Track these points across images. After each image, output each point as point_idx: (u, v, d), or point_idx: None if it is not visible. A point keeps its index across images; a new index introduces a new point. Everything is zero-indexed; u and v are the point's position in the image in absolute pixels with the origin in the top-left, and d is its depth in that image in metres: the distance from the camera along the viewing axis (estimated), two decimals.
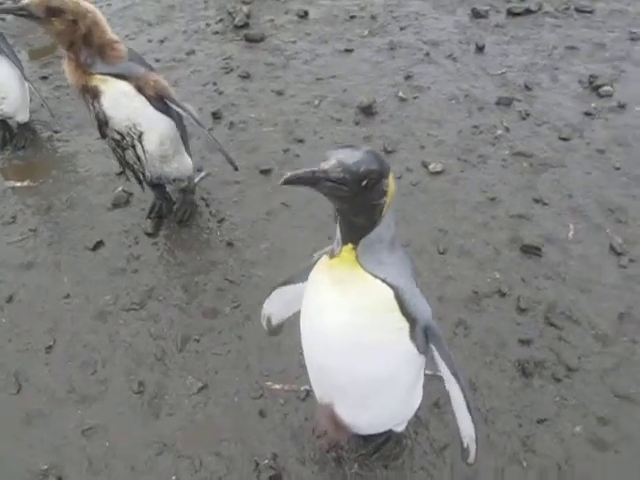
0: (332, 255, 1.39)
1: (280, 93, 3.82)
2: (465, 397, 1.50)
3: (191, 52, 4.23)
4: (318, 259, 1.49)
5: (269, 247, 2.82)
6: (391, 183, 1.28)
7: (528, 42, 4.22)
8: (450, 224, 2.87)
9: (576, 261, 2.69)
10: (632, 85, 3.79)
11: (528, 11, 4.49)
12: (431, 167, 3.20)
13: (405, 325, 1.40)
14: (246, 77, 3.96)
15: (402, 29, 4.43)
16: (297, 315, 1.65)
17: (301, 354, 2.27)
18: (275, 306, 1.83)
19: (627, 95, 3.68)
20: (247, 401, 2.20)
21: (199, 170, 3.16)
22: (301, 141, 3.43)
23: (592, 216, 2.90)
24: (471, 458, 1.61)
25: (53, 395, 2.25)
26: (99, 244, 2.82)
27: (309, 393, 2.22)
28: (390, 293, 1.36)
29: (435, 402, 2.14)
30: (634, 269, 2.64)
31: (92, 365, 2.34)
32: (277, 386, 2.26)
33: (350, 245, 1.33)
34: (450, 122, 3.56)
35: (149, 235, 2.87)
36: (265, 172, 3.23)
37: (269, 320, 1.89)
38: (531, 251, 2.72)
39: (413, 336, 1.42)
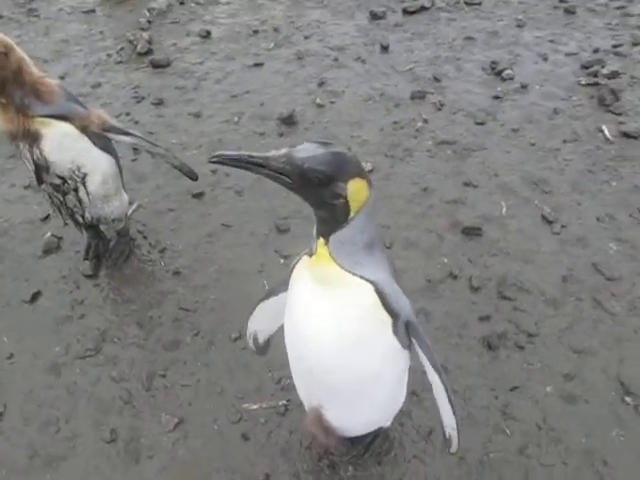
0: (310, 253, 1.39)
1: (197, 115, 3.76)
2: (446, 390, 1.55)
3: (97, 85, 4.08)
4: (297, 261, 1.48)
5: (217, 269, 2.76)
6: (355, 189, 1.25)
7: (428, 37, 4.42)
8: (391, 219, 2.94)
9: (514, 235, 2.83)
10: (528, 67, 4.06)
11: (423, 8, 4.71)
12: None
13: (388, 319, 1.41)
14: (159, 103, 3.87)
15: (306, 38, 4.50)
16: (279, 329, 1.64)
17: (271, 370, 2.30)
18: (260, 322, 1.80)
19: (526, 76, 3.94)
20: (227, 427, 2.14)
21: (130, 202, 3.04)
22: None
23: (519, 191, 3.07)
24: (454, 447, 1.65)
25: (14, 465, 2.07)
26: (37, 295, 2.64)
27: (287, 407, 2.20)
28: (370, 288, 1.37)
29: (413, 391, 2.17)
30: (566, 234, 2.82)
31: (54, 423, 2.18)
32: (255, 406, 2.21)
33: (322, 240, 1.34)
34: (370, 121, 3.65)
35: (89, 277, 2.73)
36: (198, 196, 3.16)
37: (255, 338, 1.86)
38: (472, 232, 2.83)
39: (396, 331, 1.44)
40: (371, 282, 1.36)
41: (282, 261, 2.79)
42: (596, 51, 4.13)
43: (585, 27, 4.44)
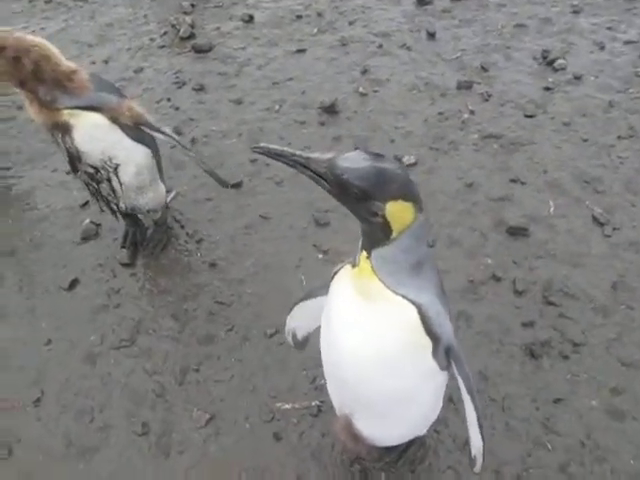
0: (354, 264, 1.34)
1: (239, 102, 3.71)
2: (478, 417, 1.50)
3: (139, 70, 4.07)
4: (340, 269, 1.43)
5: (254, 262, 2.73)
6: (394, 211, 1.19)
7: (477, 24, 4.24)
8: (433, 215, 2.84)
9: (562, 236, 2.70)
10: (583, 56, 3.85)
11: None
12: (405, 160, 3.16)
13: (428, 343, 1.35)
14: (200, 89, 3.84)
15: (351, 24, 4.38)
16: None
17: (306, 369, 2.26)
18: (298, 320, 1.78)
19: (580, 66, 3.74)
20: (259, 426, 2.12)
21: (168, 191, 3.03)
22: None
23: (569, 189, 2.92)
24: (477, 468, 1.62)
25: (50, 452, 2.09)
26: (74, 282, 2.66)
27: (320, 408, 2.16)
28: (413, 311, 1.30)
29: (450, 398, 2.09)
30: (618, 237, 2.67)
31: (88, 413, 2.20)
32: (288, 405, 2.18)
33: (364, 253, 1.29)
34: (415, 112, 3.53)
35: (126, 266, 2.73)
36: (236, 186, 3.12)
37: (294, 335, 1.84)
38: (518, 232, 2.71)
39: (435, 354, 1.38)
40: (414, 304, 1.30)
41: (320, 256, 2.73)
42: None
43: None
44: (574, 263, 2.57)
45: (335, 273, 1.47)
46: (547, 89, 3.57)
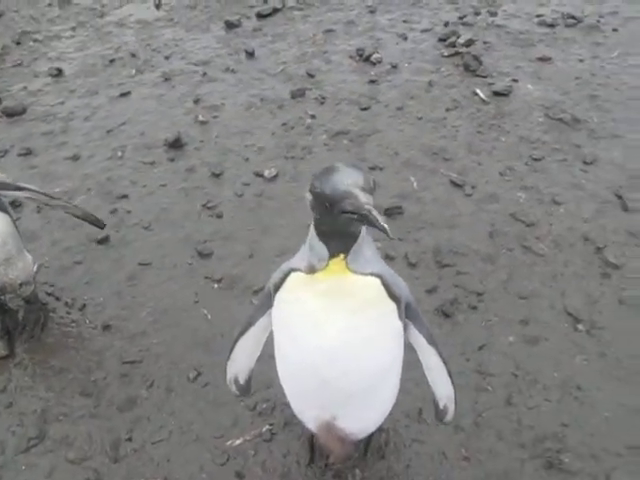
0: (312, 271, 1.34)
1: (75, 158, 3.46)
2: (445, 363, 1.58)
3: None
4: (280, 280, 1.42)
5: (150, 311, 2.56)
6: None
7: (289, 37, 4.45)
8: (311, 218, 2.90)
9: (432, 205, 2.93)
10: (392, 48, 4.23)
11: (275, 10, 4.73)
12: (266, 174, 3.20)
13: (393, 306, 1.39)
14: (28, 154, 3.51)
15: (167, 58, 4.33)
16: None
17: (242, 400, 2.17)
18: (239, 363, 1.69)
19: (393, 56, 4.11)
20: (218, 471, 1.98)
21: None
22: (125, 197, 3.16)
23: (423, 164, 3.18)
24: (449, 417, 1.68)
25: None
26: None
27: (272, 431, 2.09)
28: (377, 282, 1.35)
29: None
30: (478, 194, 2.97)
31: None
32: (238, 440, 2.07)
33: (341, 256, 1.30)
34: (259, 128, 3.59)
35: (5, 358, 2.40)
36: (103, 241, 2.91)
37: (237, 380, 1.73)
38: (393, 212, 2.88)
39: (400, 315, 1.42)
40: (378, 276, 1.35)
41: (216, 286, 2.65)
42: (446, 24, 4.41)
43: (429, 4, 4.73)
44: (450, 225, 2.80)
45: (276, 285, 1.45)
46: (372, 82, 3.86)
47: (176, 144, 3.46)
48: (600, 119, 3.36)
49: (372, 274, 1.34)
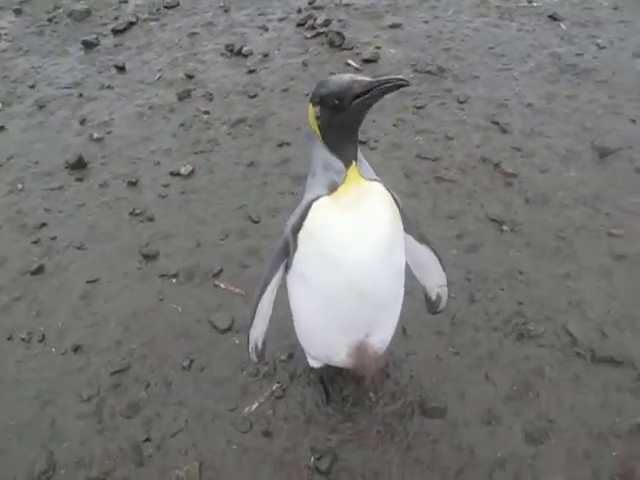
0: (335, 187, 1.43)
1: None
2: (437, 254, 1.77)
3: None
4: (308, 207, 1.47)
5: (118, 321, 2.51)
6: None
7: (155, 45, 4.48)
8: (233, 203, 3.01)
9: None
10: (258, 39, 4.47)
11: (131, 23, 4.72)
12: (183, 171, 3.26)
13: (397, 209, 1.53)
14: None
15: (32, 87, 4.15)
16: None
17: (243, 368, 2.25)
18: (259, 328, 1.75)
19: (261, 47, 4.35)
20: (245, 438, 2.01)
21: None
22: (43, 225, 3.05)
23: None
24: (443, 304, 1.91)
25: None
26: None
27: (283, 387, 2.18)
28: (383, 187, 1.50)
29: None
30: (381, 145, 3.29)
31: None
32: (255, 405, 2.15)
33: (353, 163, 1.42)
34: (158, 133, 3.62)
35: None
36: (37, 271, 2.79)
37: (256, 346, 1.80)
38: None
39: (402, 216, 1.57)
40: (379, 181, 1.50)
41: (174, 281, 2.69)
42: (299, 11, 4.72)
43: None
44: None
45: (297, 226, 1.50)
46: (251, 71, 4.05)
47: (79, 164, 3.38)
48: (459, 65, 3.88)
49: (376, 180, 1.48)
